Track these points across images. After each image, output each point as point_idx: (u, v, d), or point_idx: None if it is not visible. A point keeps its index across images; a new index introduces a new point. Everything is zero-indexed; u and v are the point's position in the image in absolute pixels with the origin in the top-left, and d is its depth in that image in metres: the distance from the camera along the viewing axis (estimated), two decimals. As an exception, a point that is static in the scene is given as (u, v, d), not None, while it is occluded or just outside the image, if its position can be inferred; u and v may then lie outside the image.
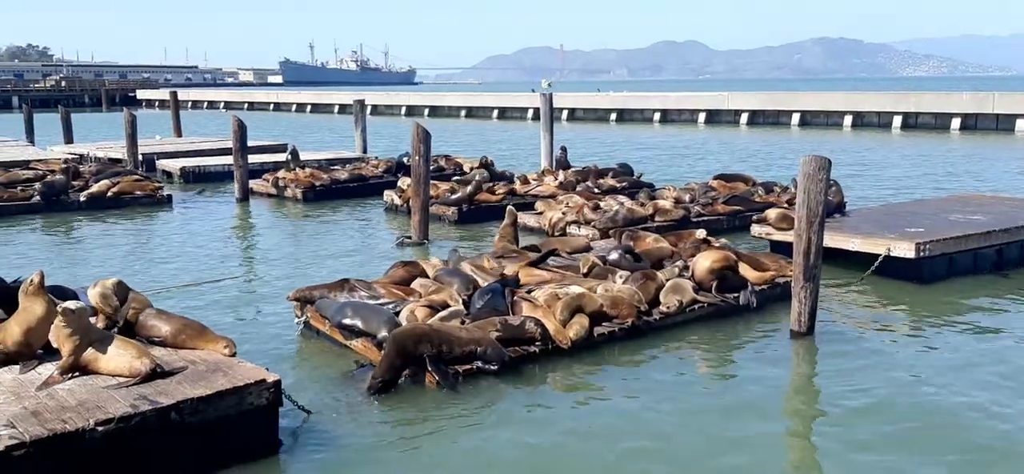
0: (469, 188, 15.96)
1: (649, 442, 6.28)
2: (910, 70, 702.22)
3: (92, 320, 6.38)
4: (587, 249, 11.11)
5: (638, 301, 8.64)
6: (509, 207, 12.40)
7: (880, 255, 10.47)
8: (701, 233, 11.27)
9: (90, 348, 5.83)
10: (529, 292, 8.73)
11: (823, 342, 8.40)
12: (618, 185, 17.09)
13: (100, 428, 5.18)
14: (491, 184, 17.10)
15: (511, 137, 38.75)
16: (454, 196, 15.88)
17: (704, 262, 9.43)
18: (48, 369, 5.91)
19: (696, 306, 8.98)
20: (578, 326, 8.02)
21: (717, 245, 10.60)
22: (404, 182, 17.28)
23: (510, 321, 7.89)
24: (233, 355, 6.27)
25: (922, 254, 10.35)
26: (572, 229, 13.78)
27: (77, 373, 5.82)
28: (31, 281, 6.15)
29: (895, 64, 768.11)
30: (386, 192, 17.51)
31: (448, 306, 8.41)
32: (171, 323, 6.58)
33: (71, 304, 5.91)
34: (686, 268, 9.65)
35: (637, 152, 29.85)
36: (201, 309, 9.68)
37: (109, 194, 17.93)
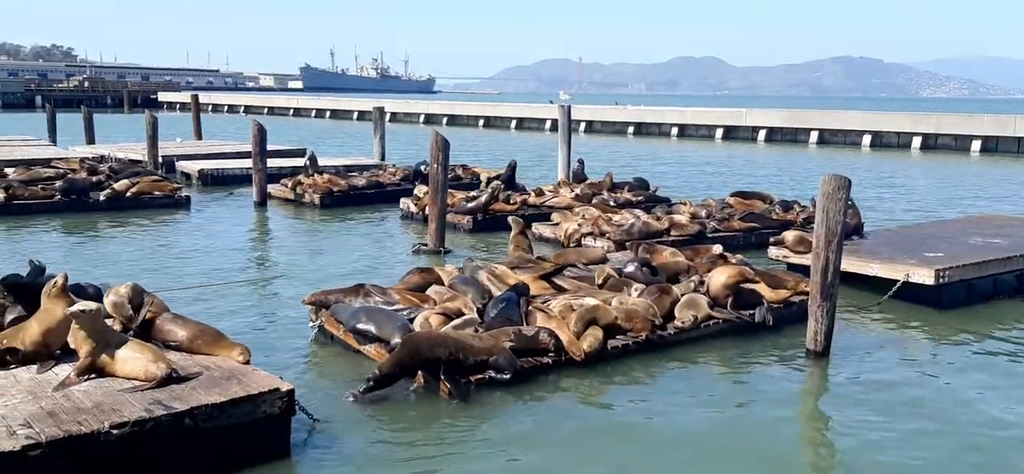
0: (483, 198, 16.00)
1: (659, 459, 6.24)
2: (931, 91, 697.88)
3: (108, 323, 6.41)
4: (603, 260, 11.09)
5: (653, 315, 8.62)
6: (512, 217, 12.41)
7: (899, 281, 10.38)
8: (718, 249, 11.22)
9: (106, 351, 5.87)
10: (545, 302, 8.73)
11: (838, 363, 8.33)
12: (634, 199, 17.06)
13: (115, 431, 5.20)
14: (508, 193, 17.07)
15: (528, 147, 38.77)
16: (469, 205, 15.91)
17: (719, 278, 9.39)
18: (65, 370, 5.95)
19: (711, 322, 8.94)
20: (592, 338, 8.00)
21: (733, 261, 10.56)
22: (420, 190, 17.33)
23: (523, 331, 7.88)
24: (247, 362, 6.29)
25: (941, 281, 10.26)
26: (587, 241, 13.77)
27: (93, 375, 5.86)
28: (54, 283, 6.21)
29: (916, 85, 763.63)
30: (402, 200, 17.56)
31: (462, 314, 8.42)
32: (187, 328, 6.61)
33: (85, 305, 5.94)
34: (702, 283, 9.61)
35: (654, 166, 29.81)
36: (216, 311, 9.72)
37: (128, 194, 18.09)
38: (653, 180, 20.18)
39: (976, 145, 37.70)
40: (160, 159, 23.81)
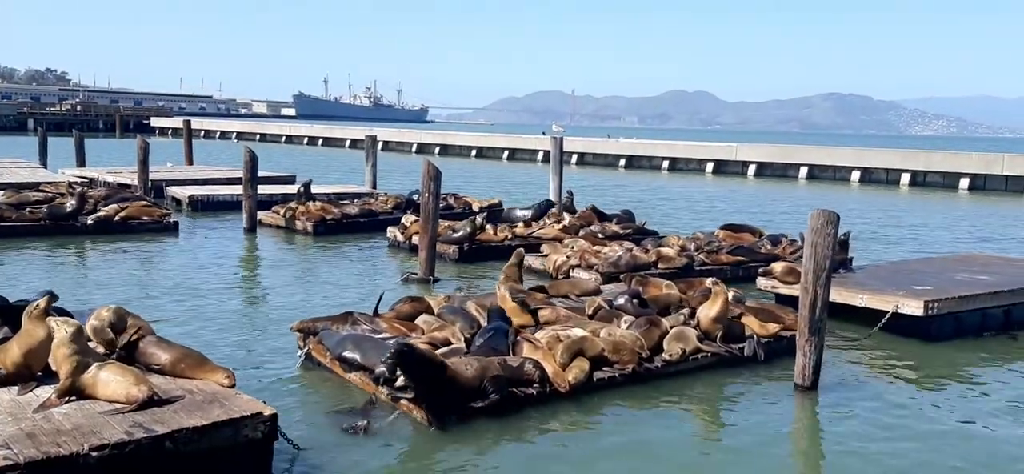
0: (467, 229, 16.00)
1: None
2: (920, 128, 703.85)
3: (91, 345, 6.36)
4: (597, 292, 11.08)
5: (640, 347, 8.60)
6: (518, 249, 12.36)
7: (888, 312, 10.39)
8: (710, 282, 11.19)
9: (88, 373, 5.82)
10: (534, 332, 8.71)
11: (827, 396, 8.32)
12: (621, 231, 17.13)
13: (94, 453, 5.14)
14: (486, 226, 17.04)
15: (520, 178, 38.85)
16: (455, 235, 15.92)
17: (708, 312, 9.38)
18: (46, 391, 5.89)
19: (699, 355, 8.93)
20: (578, 370, 7.97)
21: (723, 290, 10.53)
22: (407, 218, 17.35)
23: (509, 361, 7.85)
24: (232, 386, 6.24)
25: (930, 312, 10.28)
26: (576, 273, 13.79)
27: (74, 397, 5.80)
28: (37, 305, 6.16)
29: (905, 122, 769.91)
30: (389, 228, 17.57)
31: (450, 344, 8.38)
32: (171, 351, 6.56)
33: (67, 325, 5.90)
34: (693, 316, 9.60)
35: (645, 199, 29.90)
36: (203, 335, 9.66)
37: (116, 218, 18.02)
38: (643, 213, 20.22)
39: (964, 182, 37.97)
40: (149, 184, 23.75)
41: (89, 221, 17.78)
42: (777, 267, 12.19)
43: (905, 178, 39.76)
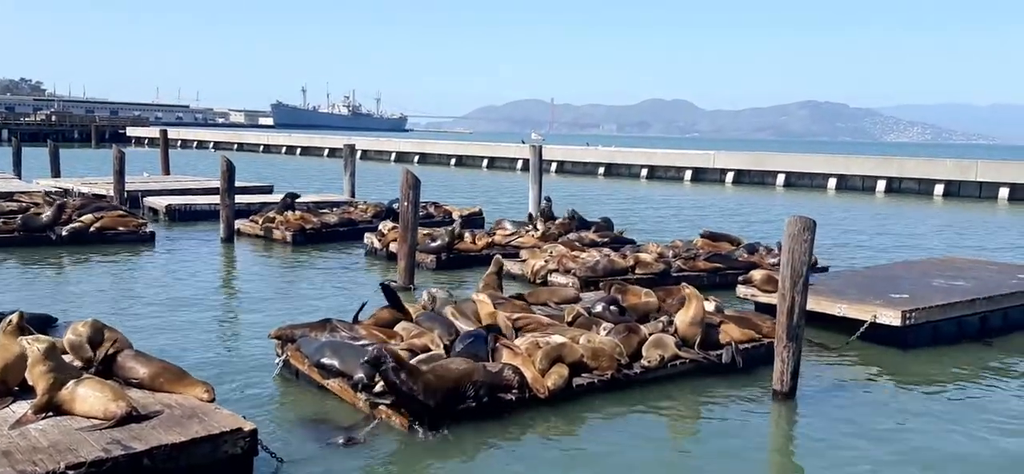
0: (446, 238, 15.98)
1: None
2: (895, 135, 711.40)
3: (67, 359, 6.29)
4: (576, 300, 11.12)
5: (619, 354, 8.62)
6: (496, 256, 12.39)
7: (866, 321, 10.47)
8: (689, 289, 11.24)
9: (65, 388, 5.75)
10: (518, 328, 8.73)
11: (805, 404, 8.37)
12: (599, 240, 17.20)
13: (71, 471, 5.09)
14: (466, 232, 17.05)
15: (500, 186, 38.87)
16: (433, 244, 15.89)
17: (684, 317, 9.44)
18: (22, 407, 5.82)
19: (678, 362, 8.96)
20: (557, 376, 7.99)
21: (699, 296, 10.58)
22: (384, 226, 17.30)
23: (488, 367, 7.86)
24: (212, 400, 6.19)
25: (908, 322, 10.37)
26: (554, 278, 13.86)
27: (51, 413, 5.73)
28: (9, 321, 6.10)
29: (880, 129, 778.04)
30: (367, 235, 17.53)
31: (428, 350, 8.37)
32: (149, 366, 6.50)
33: (43, 340, 5.83)
34: (671, 323, 9.65)
35: (624, 207, 30.00)
36: (181, 347, 9.58)
37: (92, 229, 17.83)
38: (622, 220, 20.30)
39: (939, 189, 38.41)
40: (125, 194, 23.52)
41: (64, 232, 17.57)
42: (756, 275, 12.27)
43: (881, 185, 40.15)
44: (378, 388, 7.19)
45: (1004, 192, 36.71)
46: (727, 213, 28.89)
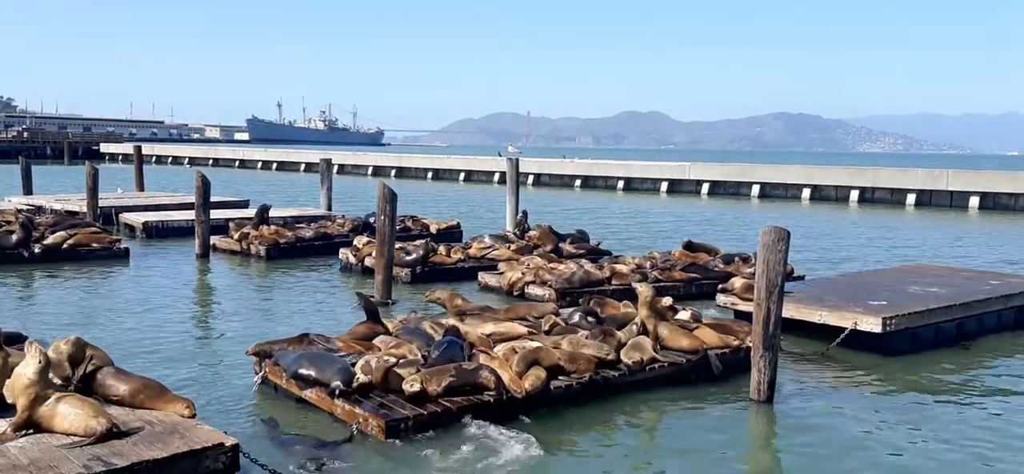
0: (420, 252, 15.96)
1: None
2: (868, 146, 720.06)
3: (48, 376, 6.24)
4: (555, 313, 11.16)
5: (606, 353, 8.70)
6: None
7: (846, 329, 10.58)
8: (667, 300, 11.32)
9: (45, 405, 5.71)
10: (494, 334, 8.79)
11: (782, 411, 8.45)
12: (576, 251, 17.26)
13: (51, 488, 5.05)
14: (440, 245, 17.06)
15: (477, 199, 38.90)
16: (408, 258, 15.84)
17: (640, 310, 9.70)
18: (1, 425, 5.76)
19: (656, 365, 9.02)
20: (534, 377, 8.04)
21: (681, 311, 10.68)
22: (359, 240, 17.26)
23: (465, 367, 7.90)
24: (193, 416, 6.16)
25: (888, 328, 10.49)
26: (531, 289, 13.90)
27: (31, 430, 5.68)
28: (-15, 336, 6.04)
29: (852, 140, 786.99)
30: (342, 250, 17.49)
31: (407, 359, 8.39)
32: (130, 382, 6.47)
33: (33, 357, 5.78)
34: (644, 329, 9.73)
35: (601, 219, 30.12)
36: (159, 365, 9.51)
37: (65, 246, 17.65)
38: (599, 233, 20.38)
39: (911, 198, 38.89)
40: (99, 211, 23.31)
41: (36, 249, 17.38)
42: (736, 283, 12.38)
43: (854, 195, 40.61)
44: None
45: (974, 201, 37.25)
46: (703, 224, 29.09)
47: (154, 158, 78.93)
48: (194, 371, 9.51)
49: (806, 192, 42.18)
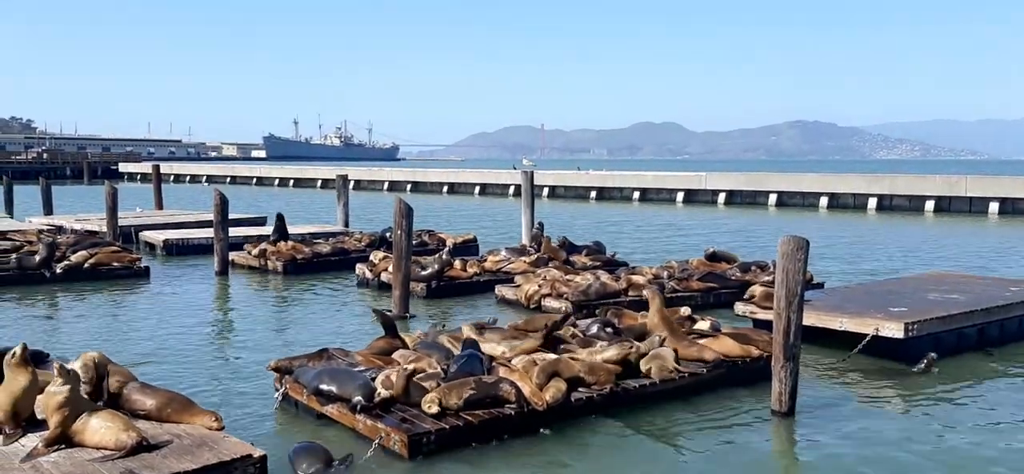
0: (436, 266, 15.98)
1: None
2: (884, 153, 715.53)
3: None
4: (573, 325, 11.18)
5: (635, 355, 8.85)
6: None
7: (867, 335, 10.53)
8: (685, 310, 11.32)
9: (77, 420, 5.79)
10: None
11: (804, 422, 8.41)
12: (591, 263, 17.26)
13: (83, 502, 5.12)
14: (455, 259, 17.07)
15: (492, 213, 38.98)
16: (424, 272, 15.86)
17: (650, 318, 9.89)
18: (33, 440, 5.85)
19: (677, 376, 9.02)
20: (554, 389, 8.05)
21: (700, 320, 10.68)
22: (376, 255, 17.32)
23: (484, 380, 7.93)
24: (220, 429, 6.24)
25: (910, 334, 10.43)
26: (548, 302, 13.92)
27: (63, 445, 5.77)
28: (13, 352, 6.13)
29: (868, 147, 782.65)
30: (358, 265, 17.55)
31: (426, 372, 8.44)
32: (156, 397, 6.55)
33: (63, 373, 5.87)
34: (663, 343, 9.71)
35: (617, 230, 30.11)
36: (181, 381, 9.60)
37: (86, 265, 17.83)
38: (615, 244, 20.37)
39: (929, 205, 38.67)
40: (119, 229, 23.55)
41: (58, 269, 17.57)
42: (757, 291, 12.32)
43: (872, 202, 40.39)
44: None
45: (994, 206, 37.00)
46: (721, 233, 29.03)
47: (172, 177, 79.62)
48: (215, 387, 9.59)
49: (824, 200, 41.99)
